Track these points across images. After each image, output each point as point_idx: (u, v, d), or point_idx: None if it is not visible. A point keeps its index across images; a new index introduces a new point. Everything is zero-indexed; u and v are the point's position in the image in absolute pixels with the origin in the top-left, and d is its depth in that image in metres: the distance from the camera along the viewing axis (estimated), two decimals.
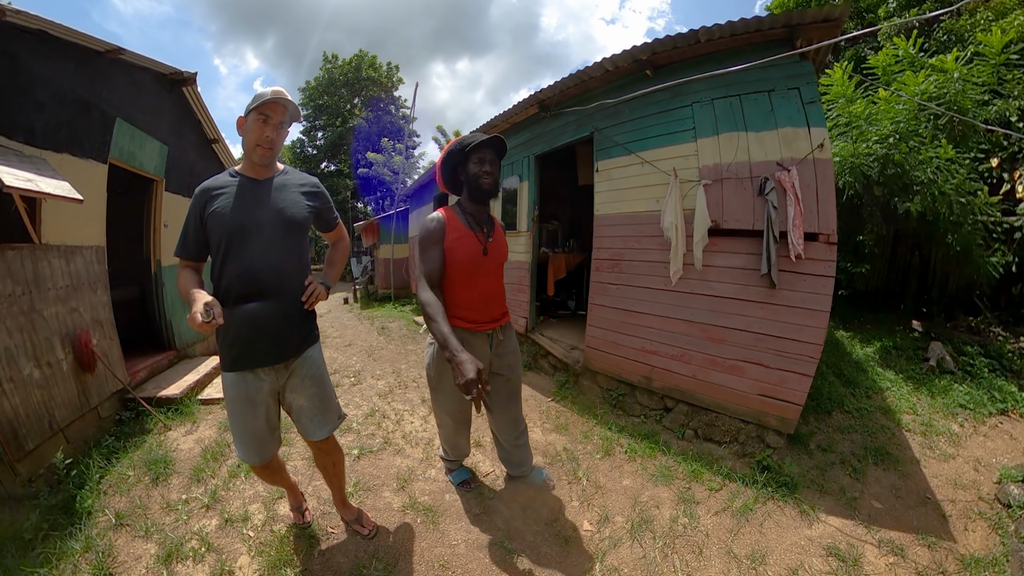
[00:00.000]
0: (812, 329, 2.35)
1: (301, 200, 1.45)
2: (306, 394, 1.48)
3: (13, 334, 2.25)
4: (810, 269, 2.36)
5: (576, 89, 3.62)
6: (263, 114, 1.33)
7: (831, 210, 2.33)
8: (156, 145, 3.83)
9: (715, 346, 2.69)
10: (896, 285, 5.15)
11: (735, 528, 2.04)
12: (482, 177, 1.58)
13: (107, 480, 2.26)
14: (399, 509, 2.01)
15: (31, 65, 2.45)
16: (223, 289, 1.36)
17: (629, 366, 3.19)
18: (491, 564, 1.68)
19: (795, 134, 2.39)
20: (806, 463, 2.58)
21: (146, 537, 1.81)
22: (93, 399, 2.80)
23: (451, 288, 1.63)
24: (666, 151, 2.92)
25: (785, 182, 2.32)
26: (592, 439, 2.84)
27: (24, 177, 2.15)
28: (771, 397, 2.50)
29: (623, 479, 2.38)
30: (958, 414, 3.12)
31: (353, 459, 2.49)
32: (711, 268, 2.68)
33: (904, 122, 4.09)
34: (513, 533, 1.86)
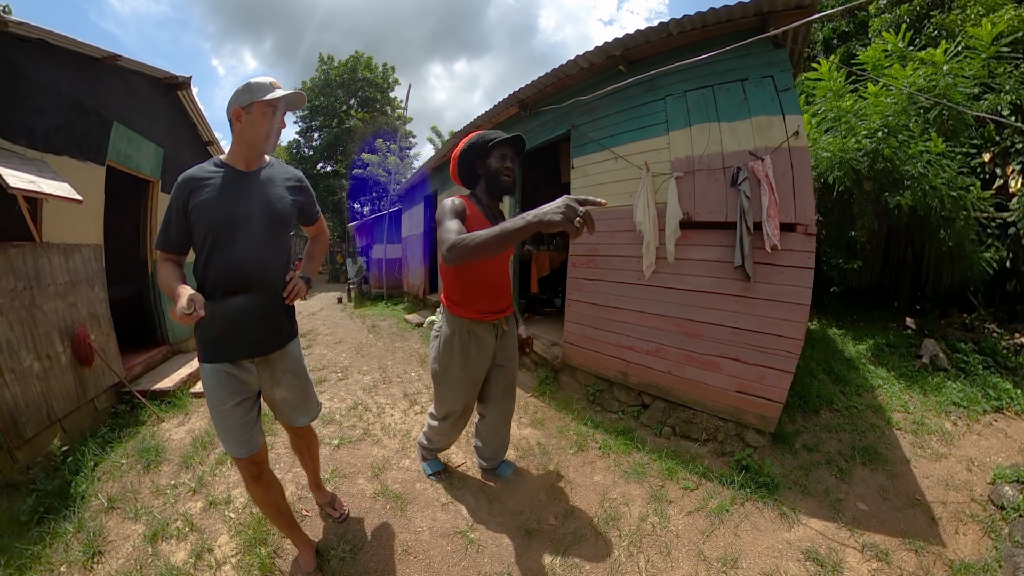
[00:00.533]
0: (791, 323, 2.21)
1: (286, 195, 1.40)
2: (288, 386, 1.47)
3: (14, 327, 2.31)
4: (788, 260, 2.22)
5: (554, 88, 3.55)
6: (272, 106, 1.28)
7: (809, 199, 2.20)
8: (152, 147, 3.87)
9: (690, 341, 2.56)
10: (890, 282, 4.96)
11: (708, 529, 1.91)
12: (503, 173, 1.59)
13: (101, 467, 2.30)
14: (371, 496, 2.04)
15: (32, 72, 2.52)
16: (209, 283, 1.30)
17: (606, 362, 3.07)
18: (451, 552, 1.70)
19: (769, 122, 2.26)
20: (789, 463, 2.42)
21: (135, 519, 1.87)
22: (90, 392, 2.85)
23: (464, 281, 1.62)
24: (639, 145, 2.82)
25: (759, 172, 2.20)
26: (567, 434, 2.73)
27: (27, 179, 2.22)
28: (750, 394, 2.36)
29: (594, 475, 2.29)
30: (951, 412, 2.94)
31: (333, 448, 2.48)
32: (684, 262, 2.55)
33: (893, 116, 3.94)
34: (477, 523, 1.87)
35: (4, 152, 2.29)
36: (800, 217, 2.20)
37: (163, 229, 1.31)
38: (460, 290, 1.65)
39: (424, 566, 1.62)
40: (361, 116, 18.71)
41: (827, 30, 6.30)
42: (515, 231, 1.07)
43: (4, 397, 2.19)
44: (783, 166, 2.22)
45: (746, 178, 2.23)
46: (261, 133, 1.30)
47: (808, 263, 2.19)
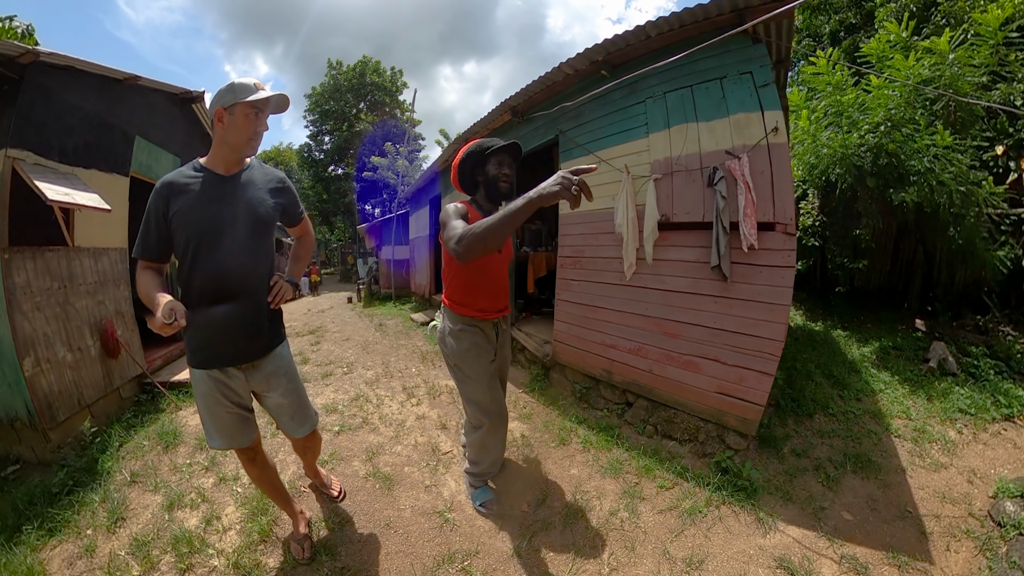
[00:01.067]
0: (771, 324, 2.08)
1: (268, 198, 1.35)
2: (282, 391, 1.42)
3: (50, 322, 2.55)
4: (766, 260, 2.10)
5: (543, 94, 3.52)
6: (256, 108, 1.23)
7: (788, 198, 2.07)
8: (170, 157, 4.07)
9: (670, 341, 2.45)
10: (899, 282, 4.67)
11: (678, 529, 1.84)
12: (501, 179, 1.62)
13: (125, 448, 2.51)
14: (363, 476, 2.16)
15: (62, 95, 2.72)
16: (194, 291, 1.25)
17: (592, 360, 3.02)
18: (428, 529, 1.79)
19: (748, 120, 2.15)
20: (774, 467, 2.29)
21: (154, 491, 2.07)
22: (116, 381, 3.07)
23: (468, 280, 1.66)
24: (621, 148, 2.75)
25: (735, 171, 2.08)
26: (551, 429, 2.71)
27: (62, 191, 2.44)
28: (729, 395, 2.24)
29: (572, 468, 2.27)
30: (957, 419, 2.72)
31: (333, 435, 2.61)
32: (663, 262, 2.46)
33: (897, 109, 3.71)
34: (455, 505, 1.95)
35: (40, 168, 2.50)
36: (779, 216, 2.08)
37: (141, 236, 1.25)
38: (463, 290, 1.68)
39: (402, 540, 1.72)
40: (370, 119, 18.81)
41: (834, 23, 6.01)
42: (518, 210, 1.09)
43: (41, 384, 2.43)
44: (761, 164, 2.11)
45: (722, 178, 2.12)
46: (243, 135, 1.23)
47: (788, 262, 2.06)
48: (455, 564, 1.59)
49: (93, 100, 3.01)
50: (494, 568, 1.58)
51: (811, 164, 4.65)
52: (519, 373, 3.87)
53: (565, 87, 3.32)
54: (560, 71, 3.12)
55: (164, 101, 4.00)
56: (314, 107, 19.08)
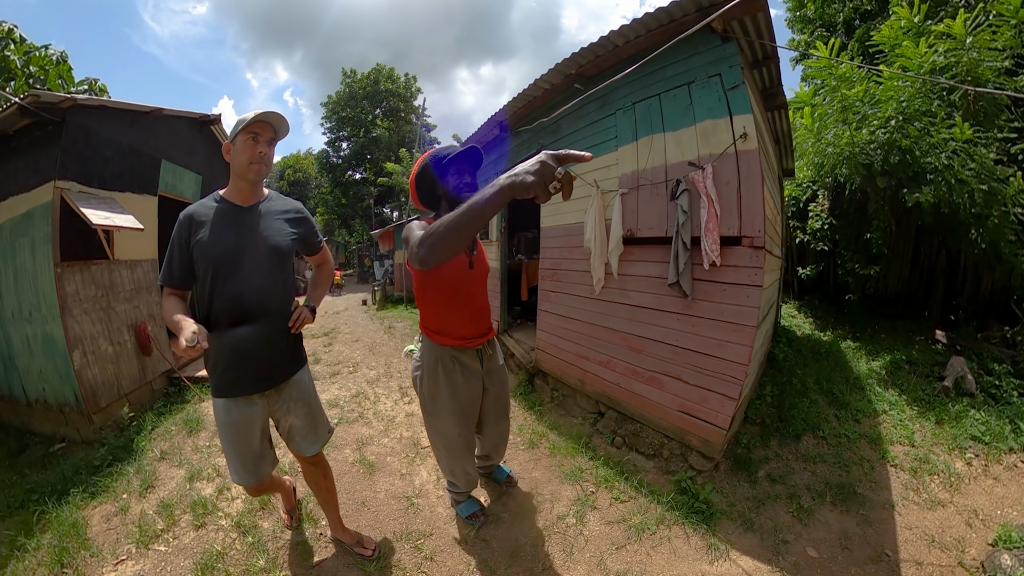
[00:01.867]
0: (734, 346, 1.88)
1: (285, 228, 1.36)
2: (297, 414, 1.42)
3: (95, 323, 2.94)
4: (731, 278, 1.89)
5: (526, 109, 3.44)
6: (252, 133, 1.25)
7: (757, 209, 1.85)
8: (192, 176, 4.41)
9: (636, 356, 2.30)
10: (920, 288, 4.19)
11: (621, 542, 1.74)
12: (464, 189, 1.44)
13: (156, 431, 2.83)
14: (351, 462, 2.36)
15: (98, 131, 3.06)
16: (212, 316, 1.27)
17: (568, 369, 2.95)
18: (396, 510, 1.96)
19: (715, 127, 1.94)
20: (743, 492, 2.08)
21: (179, 466, 2.37)
22: (148, 375, 3.42)
23: (440, 305, 1.49)
24: (594, 163, 2.59)
25: (698, 183, 1.90)
26: (524, 432, 2.69)
27: (103, 215, 2.81)
28: (692, 415, 2.05)
29: (535, 471, 2.26)
30: (967, 448, 2.37)
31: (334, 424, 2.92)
32: (628, 277, 2.29)
33: (910, 101, 3.31)
34: (422, 492, 2.09)
35: (84, 194, 2.86)
36: (747, 229, 1.87)
37: (166, 265, 1.27)
38: (436, 316, 1.50)
39: (373, 516, 1.92)
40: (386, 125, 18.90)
41: (848, 10, 5.45)
42: (486, 200, 0.84)
43: (86, 375, 2.79)
44: (728, 173, 1.90)
45: (685, 190, 1.93)
46: (244, 160, 1.26)
47: (755, 280, 1.85)
48: (410, 542, 1.74)
49: (124, 132, 3.34)
50: (441, 549, 1.70)
51: (818, 164, 4.27)
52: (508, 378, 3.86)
53: (545, 102, 3.23)
54: (537, 87, 3.03)
55: (185, 126, 4.31)
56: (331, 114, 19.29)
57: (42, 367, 2.85)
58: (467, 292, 1.50)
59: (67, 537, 1.77)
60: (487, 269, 1.61)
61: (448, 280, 1.45)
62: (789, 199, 5.25)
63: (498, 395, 1.69)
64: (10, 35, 6.98)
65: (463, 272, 1.48)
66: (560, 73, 2.77)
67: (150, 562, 1.64)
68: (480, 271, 1.56)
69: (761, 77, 2.73)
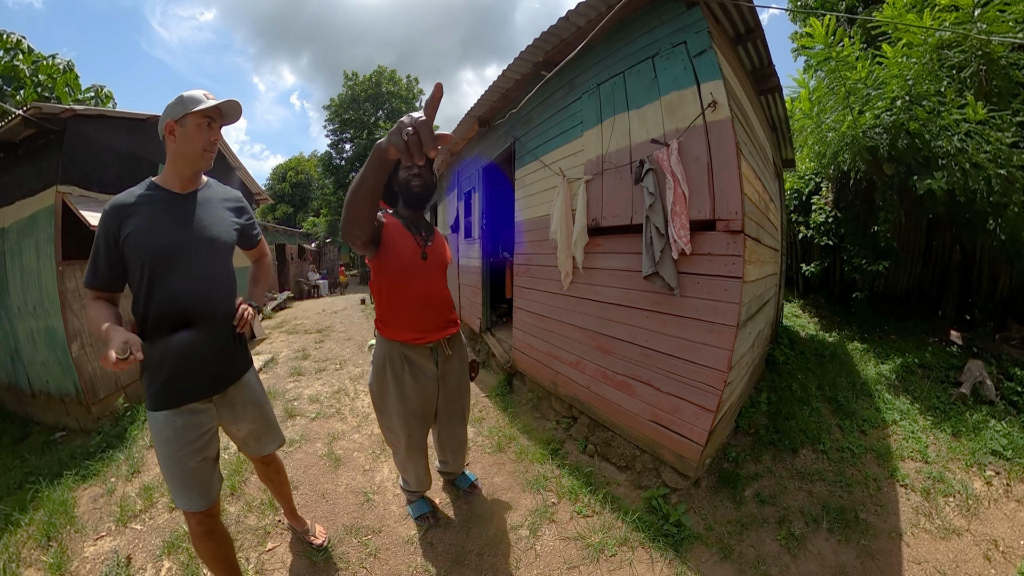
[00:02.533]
0: (710, 349, 1.64)
1: (228, 217, 1.25)
2: (249, 419, 1.31)
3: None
4: (705, 268, 1.66)
5: (501, 102, 3.31)
6: (208, 117, 1.14)
7: (732, 187, 1.60)
8: None
9: (605, 358, 2.08)
10: (932, 286, 3.90)
11: (575, 562, 1.56)
12: (411, 180, 1.41)
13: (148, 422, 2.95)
14: (320, 456, 2.41)
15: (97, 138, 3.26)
16: (151, 320, 1.12)
17: (541, 370, 2.75)
18: (353, 504, 1.98)
19: (680, 99, 1.73)
20: (725, 514, 1.84)
21: None
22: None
23: (390, 297, 1.42)
24: (560, 151, 2.45)
25: (663, 162, 1.69)
26: (494, 434, 2.57)
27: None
28: (664, 427, 1.81)
29: (497, 476, 2.16)
30: (987, 464, 2.10)
31: (309, 420, 2.91)
32: (595, 271, 2.08)
33: (916, 80, 3.07)
34: (380, 489, 2.09)
35: (84, 198, 3.05)
36: (721, 211, 1.63)
37: (91, 264, 1.10)
38: (387, 308, 1.43)
39: (329, 508, 1.95)
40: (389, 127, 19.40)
41: None
42: (366, 165, 0.93)
43: (85, 367, 2.98)
44: (696, 148, 1.67)
45: (650, 171, 1.72)
46: (197, 147, 1.14)
47: (733, 271, 1.61)
48: (359, 536, 1.75)
49: (123, 138, 3.54)
50: (387, 547, 1.69)
51: (819, 153, 4.03)
52: (490, 378, 3.73)
53: (517, 93, 3.10)
54: (507, 78, 2.89)
55: None
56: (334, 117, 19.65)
57: (45, 359, 3.08)
58: (419, 284, 1.42)
59: (56, 514, 1.93)
60: (445, 261, 1.52)
61: (398, 270, 1.38)
62: (791, 192, 5.01)
63: (452, 399, 1.59)
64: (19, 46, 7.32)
65: (415, 262, 1.40)
66: (527, 62, 2.63)
67: (126, 539, 1.78)
68: (436, 262, 1.47)
69: (748, 55, 2.52)
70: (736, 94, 1.77)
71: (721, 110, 1.62)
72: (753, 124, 2.22)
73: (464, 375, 1.62)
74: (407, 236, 1.41)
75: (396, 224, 1.40)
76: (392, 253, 1.36)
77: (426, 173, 1.42)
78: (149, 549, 1.71)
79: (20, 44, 7.30)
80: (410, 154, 0.73)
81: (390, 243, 1.35)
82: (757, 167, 2.09)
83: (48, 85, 7.64)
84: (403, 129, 0.73)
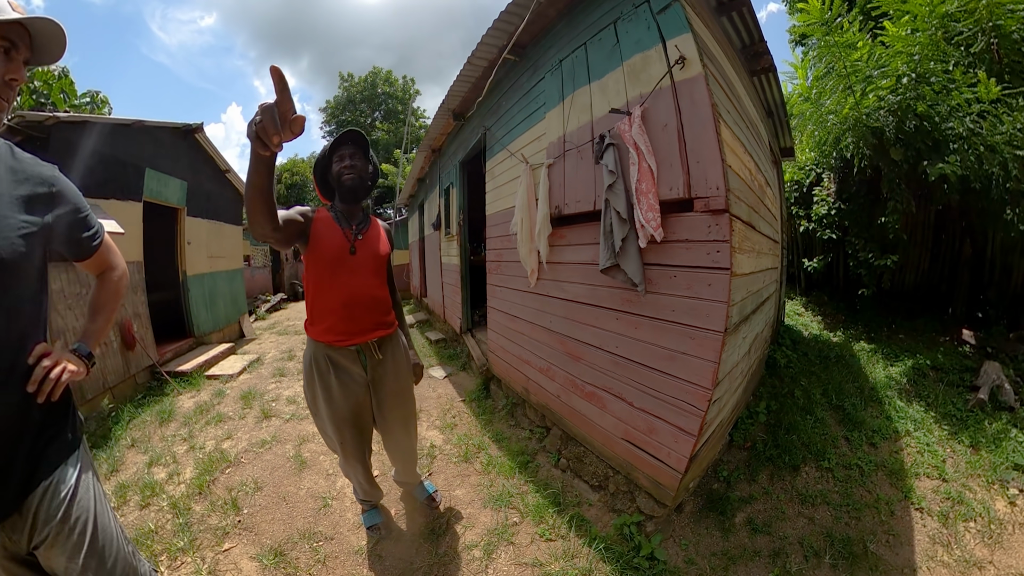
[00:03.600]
0: (691, 360, 1.39)
1: (13, 214, 0.75)
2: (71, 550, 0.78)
3: (79, 320, 3.14)
4: (682, 259, 1.42)
5: (472, 92, 3.15)
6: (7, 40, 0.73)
7: (711, 156, 1.34)
8: (177, 182, 4.58)
9: (574, 364, 1.86)
10: (941, 281, 3.70)
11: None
12: (344, 173, 1.40)
13: (133, 422, 3.06)
14: (288, 457, 2.45)
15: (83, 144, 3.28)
16: None
17: (514, 375, 2.57)
18: (312, 508, 2.00)
19: (644, 61, 1.50)
20: (709, 544, 1.61)
21: (144, 453, 2.59)
22: (132, 369, 3.66)
23: (314, 293, 1.39)
24: (525, 137, 2.27)
25: (624, 133, 1.47)
26: (463, 443, 2.47)
27: None
28: (638, 447, 1.58)
29: (459, 488, 2.07)
30: (1010, 481, 1.87)
31: (284, 421, 2.98)
32: (560, 266, 1.86)
33: (922, 56, 2.88)
34: (339, 495, 2.09)
35: None
36: (698, 187, 1.39)
37: None
38: (311, 305, 1.41)
39: (288, 511, 1.97)
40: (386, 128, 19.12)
41: None
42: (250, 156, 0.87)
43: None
44: (664, 113, 1.44)
45: (610, 145, 1.51)
46: None
47: (718, 261, 1.36)
48: (311, 542, 1.76)
49: (108, 143, 3.57)
50: (336, 555, 1.69)
51: (820, 139, 3.84)
52: (469, 380, 3.56)
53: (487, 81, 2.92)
54: (475, 66, 2.73)
55: (169, 135, 4.51)
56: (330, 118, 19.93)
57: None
58: (345, 280, 1.37)
59: None
60: (379, 256, 1.44)
61: (323, 264, 1.35)
62: (791, 183, 4.83)
63: (390, 406, 1.50)
64: None
65: (342, 256, 1.36)
66: (493, 46, 2.46)
67: None
68: (367, 257, 1.41)
69: (735, 29, 2.32)
70: (712, 53, 1.55)
71: (691, 66, 1.38)
72: (740, 95, 2.01)
73: (402, 381, 1.53)
74: (336, 230, 1.38)
75: (326, 218, 1.38)
76: (318, 247, 1.33)
77: (360, 166, 1.39)
78: None
79: None
80: (261, 142, 0.74)
81: (317, 237, 1.33)
82: (746, 140, 1.87)
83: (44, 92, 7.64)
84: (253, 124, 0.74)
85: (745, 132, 1.93)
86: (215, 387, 3.79)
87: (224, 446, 2.65)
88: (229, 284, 5.81)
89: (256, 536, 1.80)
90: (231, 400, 3.42)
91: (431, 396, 3.24)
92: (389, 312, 1.48)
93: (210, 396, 3.54)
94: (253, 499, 2.07)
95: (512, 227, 2.08)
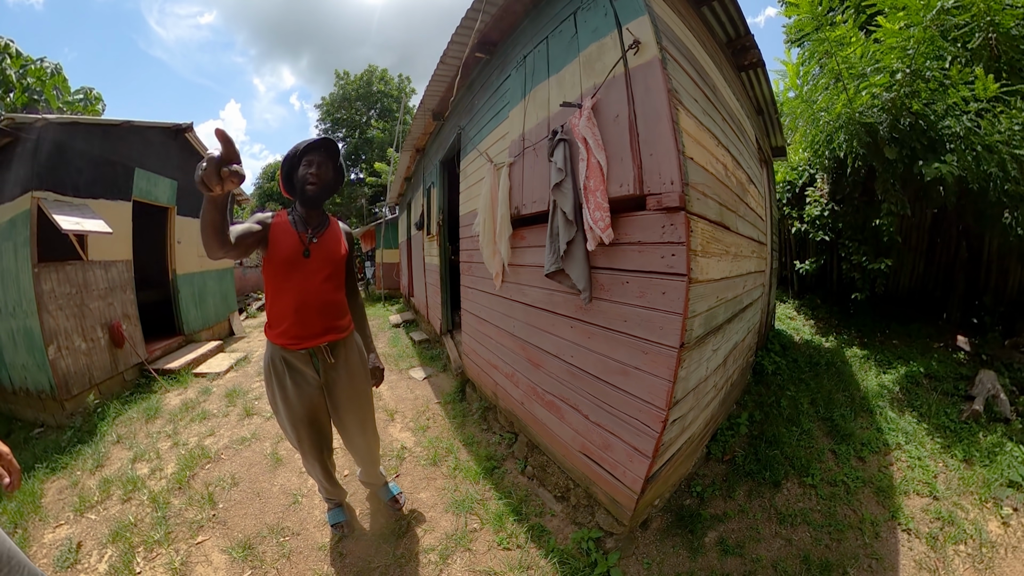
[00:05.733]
0: (644, 376, 1.26)
1: None
2: None
3: (69, 319, 3.22)
4: (634, 263, 1.29)
5: (448, 91, 3.06)
6: None
7: (666, 147, 1.21)
8: (167, 182, 4.54)
9: (535, 371, 1.76)
10: (936, 286, 3.55)
11: None
12: (308, 180, 1.41)
13: (119, 418, 3.09)
14: (265, 455, 2.46)
15: (71, 144, 3.32)
16: None
17: (484, 378, 2.49)
18: (282, 504, 2.02)
19: (600, 49, 1.39)
20: (675, 564, 1.48)
21: (129, 449, 2.63)
22: (120, 366, 3.68)
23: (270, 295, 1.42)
24: (492, 136, 2.20)
25: (574, 127, 1.36)
26: (433, 446, 2.43)
27: (73, 221, 3.07)
28: (595, 462, 1.47)
29: (424, 491, 2.05)
30: (1004, 499, 1.73)
31: (264, 419, 2.96)
32: (520, 268, 1.75)
33: (917, 52, 2.75)
34: (310, 492, 2.09)
35: (59, 202, 3.14)
36: (651, 182, 1.25)
37: None
38: (269, 310, 1.44)
39: (260, 507, 2.00)
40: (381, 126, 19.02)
41: None
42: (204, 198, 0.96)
43: (61, 365, 3.08)
44: (616, 104, 1.32)
45: (561, 141, 1.40)
46: None
47: (673, 266, 1.23)
48: (278, 536, 1.79)
49: (97, 144, 3.58)
50: (300, 551, 1.71)
51: (812, 137, 3.71)
52: (446, 383, 3.46)
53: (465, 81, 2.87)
54: (448, 65, 2.64)
55: (158, 135, 4.46)
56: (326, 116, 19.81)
57: (24, 358, 3.18)
58: (299, 283, 1.37)
59: (25, 504, 2.08)
60: (335, 259, 1.43)
61: (277, 266, 1.35)
62: (783, 184, 4.69)
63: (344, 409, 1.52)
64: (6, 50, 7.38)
65: (295, 259, 1.36)
66: (463, 45, 2.36)
67: (80, 527, 1.91)
68: (321, 261, 1.40)
69: (718, 21, 2.22)
70: (676, 37, 1.43)
71: (647, 50, 1.25)
72: (717, 85, 1.89)
73: (357, 385, 1.52)
74: (291, 234, 1.38)
75: (283, 222, 1.39)
76: (274, 251, 1.35)
77: (324, 175, 1.39)
78: (98, 537, 1.83)
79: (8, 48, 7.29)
80: (206, 187, 0.83)
81: (274, 242, 1.35)
82: (720, 133, 1.75)
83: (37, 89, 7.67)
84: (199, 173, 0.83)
85: (720, 124, 1.80)
86: (202, 385, 3.78)
87: (206, 443, 2.66)
88: (219, 283, 5.75)
89: (228, 530, 1.83)
90: (216, 398, 3.38)
91: (408, 397, 3.15)
92: (343, 316, 1.46)
93: (196, 394, 3.54)
94: (229, 494, 2.10)
95: (475, 228, 1.98)
